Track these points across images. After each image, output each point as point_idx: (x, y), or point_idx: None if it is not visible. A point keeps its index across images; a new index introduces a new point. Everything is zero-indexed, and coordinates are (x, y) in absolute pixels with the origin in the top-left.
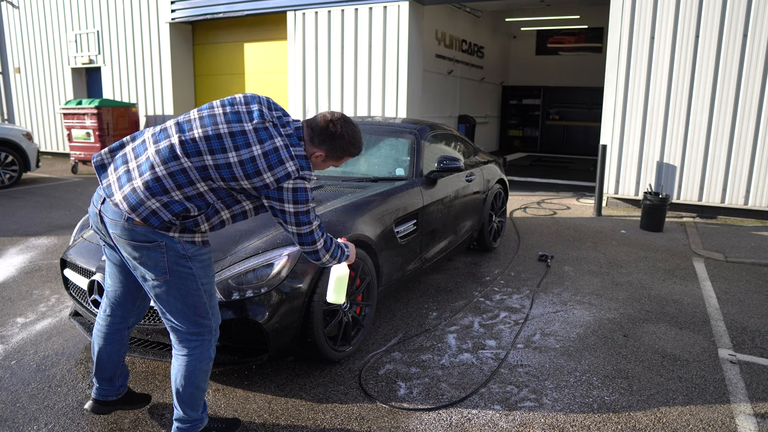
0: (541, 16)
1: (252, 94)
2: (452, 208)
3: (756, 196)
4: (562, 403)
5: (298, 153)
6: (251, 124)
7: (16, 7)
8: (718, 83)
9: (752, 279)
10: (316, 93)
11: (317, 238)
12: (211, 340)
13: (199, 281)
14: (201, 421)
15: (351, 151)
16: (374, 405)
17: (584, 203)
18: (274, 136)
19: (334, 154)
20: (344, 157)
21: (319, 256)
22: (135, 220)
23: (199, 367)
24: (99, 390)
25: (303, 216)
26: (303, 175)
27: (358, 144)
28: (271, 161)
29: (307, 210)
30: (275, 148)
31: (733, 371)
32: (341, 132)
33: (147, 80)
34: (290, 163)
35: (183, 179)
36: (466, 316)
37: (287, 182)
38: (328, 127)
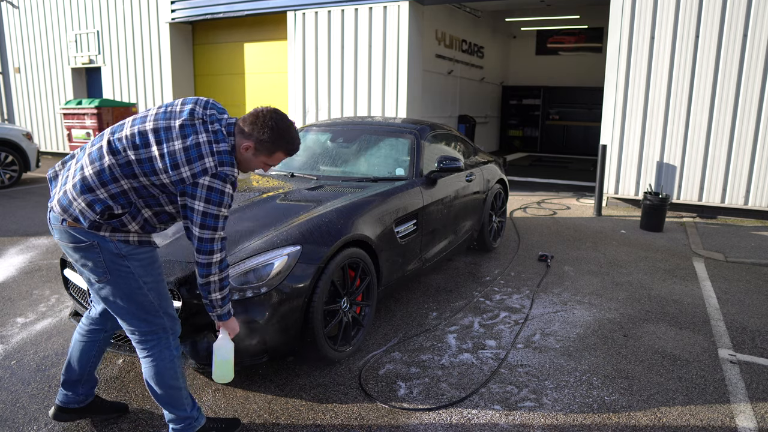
0: (541, 16)
1: (194, 97)
2: (452, 208)
3: (756, 196)
4: (562, 403)
5: (220, 149)
6: (178, 122)
7: (16, 7)
8: (718, 83)
9: (752, 279)
10: (316, 93)
11: (215, 250)
12: (169, 338)
13: (141, 280)
14: (195, 420)
15: (282, 146)
16: (374, 405)
17: (584, 203)
18: (199, 132)
19: (262, 146)
20: (276, 152)
21: (210, 271)
22: (68, 221)
23: (163, 366)
24: (62, 395)
25: (209, 219)
26: (223, 172)
27: (290, 139)
28: (190, 155)
29: (216, 215)
30: (197, 144)
31: (733, 371)
32: (270, 123)
33: (147, 80)
34: (209, 158)
35: (107, 176)
36: (466, 316)
37: (203, 178)
38: (257, 117)
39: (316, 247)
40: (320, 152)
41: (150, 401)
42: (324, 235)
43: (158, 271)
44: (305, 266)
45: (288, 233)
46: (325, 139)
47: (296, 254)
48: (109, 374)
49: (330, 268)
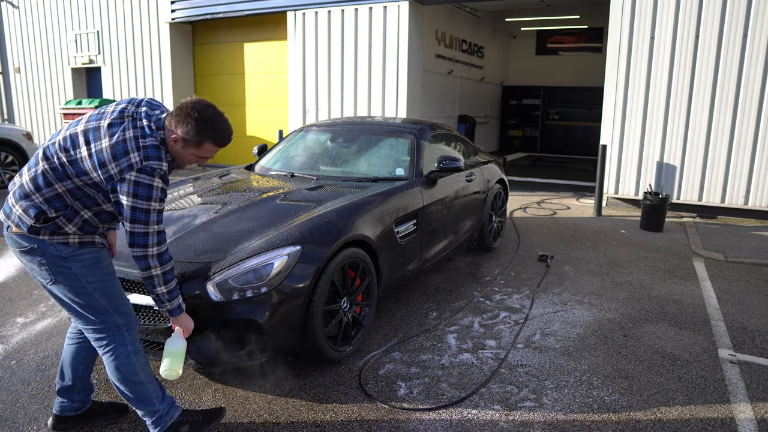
0: (541, 16)
1: (133, 98)
2: (452, 208)
3: (756, 196)
4: (562, 403)
5: (147, 143)
6: (107, 121)
7: (16, 7)
8: (718, 83)
9: (752, 279)
10: (316, 93)
11: (150, 244)
12: (123, 335)
13: (84, 280)
14: (166, 414)
15: (208, 136)
16: (374, 405)
17: (584, 203)
18: (126, 129)
19: (190, 136)
20: (203, 143)
21: (149, 263)
22: (12, 228)
23: (120, 363)
24: (58, 404)
25: (139, 213)
26: (149, 166)
27: (217, 129)
28: (116, 152)
29: (146, 209)
30: (122, 140)
31: (733, 371)
32: (194, 113)
33: (147, 80)
34: (135, 153)
35: (41, 181)
36: (466, 316)
37: (130, 173)
38: (181, 108)
39: (316, 247)
40: (320, 152)
41: None
42: (324, 235)
43: (105, 271)
44: (305, 266)
45: (288, 233)
46: (325, 139)
47: (296, 254)
48: (106, 374)
49: (330, 268)
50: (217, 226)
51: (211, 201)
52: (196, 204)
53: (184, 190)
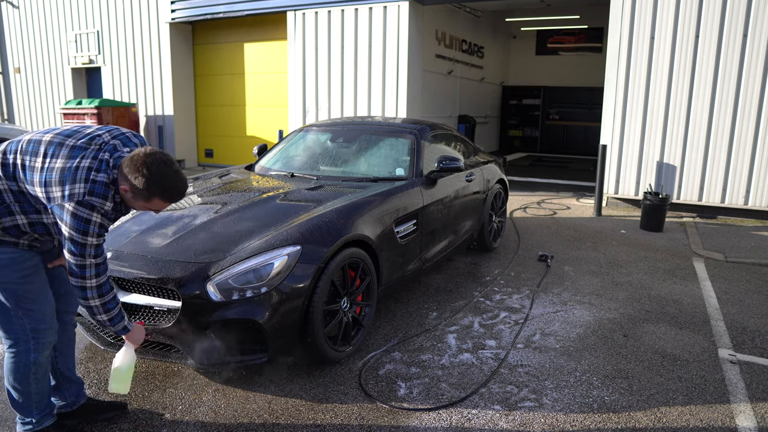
0: (541, 16)
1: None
2: (452, 208)
3: (756, 196)
4: (562, 403)
5: (97, 178)
6: (73, 141)
7: (16, 7)
8: (718, 83)
9: (752, 279)
10: (316, 93)
11: (88, 276)
12: (29, 342)
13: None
14: (37, 423)
15: (157, 193)
16: (374, 405)
17: (584, 203)
18: (86, 156)
19: (138, 191)
20: (153, 199)
21: (86, 294)
22: None
23: (14, 368)
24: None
25: (74, 246)
26: (90, 201)
27: (167, 187)
28: (64, 177)
29: (81, 243)
30: (75, 167)
31: (733, 371)
32: (143, 169)
33: (147, 80)
34: (80, 185)
35: None
36: (466, 316)
37: (69, 203)
38: (132, 160)
39: (316, 247)
40: (320, 152)
41: (150, 401)
42: (324, 235)
43: (20, 274)
44: (305, 266)
45: (288, 233)
46: (325, 139)
47: (296, 254)
48: (108, 374)
49: (330, 268)
50: (217, 226)
51: (211, 201)
52: (196, 204)
53: None
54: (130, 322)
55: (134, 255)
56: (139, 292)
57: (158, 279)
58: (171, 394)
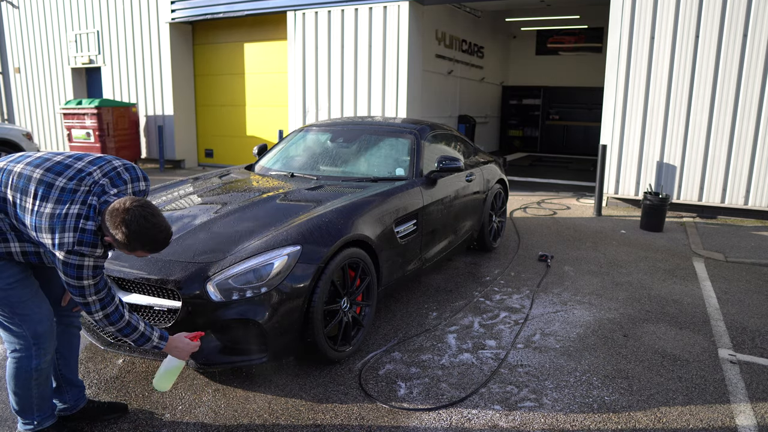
0: (541, 16)
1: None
2: (452, 208)
3: (756, 196)
4: (562, 403)
5: (86, 227)
6: (63, 182)
7: (16, 7)
8: (718, 83)
9: (752, 279)
10: (316, 93)
11: (93, 311)
12: (30, 349)
13: None
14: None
15: (138, 246)
16: (374, 405)
17: (584, 203)
18: (75, 201)
19: (120, 245)
20: (135, 251)
21: (104, 323)
22: None
23: (20, 374)
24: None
25: (73, 288)
26: (79, 251)
27: (148, 241)
28: (53, 224)
29: (78, 286)
30: (64, 214)
31: (733, 371)
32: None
33: (147, 80)
34: (69, 234)
35: None
36: (466, 316)
37: (60, 252)
38: (112, 214)
39: (316, 247)
40: (320, 152)
41: (150, 401)
42: (324, 235)
43: (8, 281)
44: (305, 266)
45: (288, 233)
46: (325, 139)
47: (296, 254)
48: (108, 374)
49: (330, 268)
50: (217, 226)
51: (211, 201)
52: (196, 204)
53: (184, 190)
54: (162, 339)
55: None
56: (139, 292)
57: (158, 279)
58: (171, 394)
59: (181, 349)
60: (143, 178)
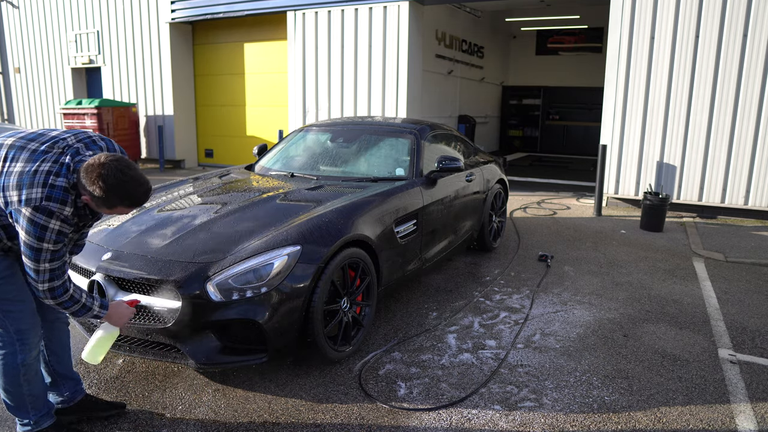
0: (541, 16)
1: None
2: (452, 208)
3: (756, 196)
4: (562, 403)
5: (56, 183)
6: (35, 145)
7: (16, 7)
8: (718, 83)
9: (752, 279)
10: (316, 93)
11: (40, 280)
12: (14, 344)
13: None
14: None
15: (117, 201)
16: (374, 405)
17: (584, 203)
18: (47, 160)
19: (98, 201)
20: (115, 207)
21: (41, 295)
22: None
23: (7, 371)
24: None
25: (30, 250)
26: (47, 207)
27: (127, 195)
28: (21, 181)
29: (37, 248)
30: (34, 171)
31: (733, 371)
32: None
33: (147, 80)
34: (38, 189)
35: None
36: (466, 316)
37: (26, 208)
38: (88, 170)
39: (316, 247)
40: (320, 152)
41: (150, 401)
42: (324, 235)
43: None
44: (305, 266)
45: (288, 233)
46: (325, 139)
47: (296, 254)
48: (109, 374)
49: (330, 268)
50: (217, 226)
51: (211, 201)
52: (196, 204)
53: (184, 190)
54: (103, 308)
55: (134, 255)
56: (139, 292)
57: (158, 279)
58: (171, 394)
59: (120, 314)
60: (119, 152)
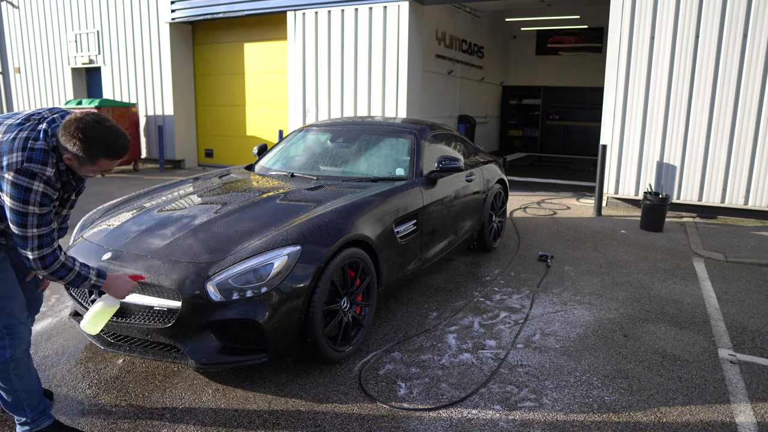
0: (541, 16)
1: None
2: (452, 208)
3: (756, 196)
4: (562, 403)
5: (35, 146)
6: (11, 120)
7: (16, 7)
8: (718, 83)
9: (752, 279)
10: (316, 93)
11: (30, 247)
12: (4, 339)
13: None
14: (33, 422)
15: (100, 153)
16: (374, 405)
17: (584, 203)
18: (24, 129)
19: (80, 158)
20: (98, 160)
21: (32, 264)
22: None
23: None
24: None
25: (15, 216)
26: (29, 168)
27: (107, 146)
28: (2, 149)
29: (23, 212)
30: (12, 139)
31: (733, 371)
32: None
33: (147, 80)
34: (18, 153)
35: None
36: (466, 316)
37: (8, 173)
38: (65, 128)
39: (316, 247)
40: (320, 152)
41: (150, 401)
42: (324, 235)
43: None
44: (305, 266)
45: (288, 233)
46: (325, 139)
47: (296, 254)
48: (109, 374)
49: (330, 268)
50: (217, 226)
51: (211, 201)
52: (196, 204)
53: (184, 190)
54: (101, 277)
55: (134, 255)
56: (139, 292)
57: (158, 279)
58: (171, 394)
59: (120, 286)
60: None
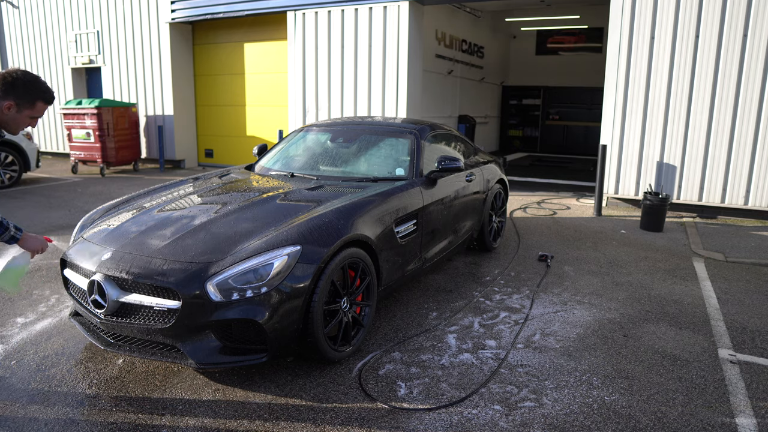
0: (541, 16)
1: None
2: (452, 208)
3: (756, 196)
4: (562, 403)
5: None
6: None
7: (16, 7)
8: (718, 83)
9: (752, 279)
10: (316, 93)
11: None
12: None
13: None
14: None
15: (39, 95)
16: (374, 405)
17: (584, 203)
18: None
19: (21, 100)
20: (36, 102)
21: None
22: None
23: None
24: None
25: None
26: None
27: (44, 88)
28: None
29: None
30: None
31: (733, 371)
32: (19, 80)
33: (147, 80)
34: None
35: None
36: (466, 316)
37: None
38: (4, 78)
39: (316, 247)
40: (320, 152)
41: (150, 401)
42: (324, 235)
43: None
44: (305, 266)
45: (288, 233)
46: (325, 139)
47: (296, 254)
48: (109, 374)
49: (330, 268)
50: (217, 226)
51: (211, 201)
52: (196, 204)
53: (184, 190)
54: (18, 230)
55: (134, 255)
56: (139, 292)
57: (158, 279)
58: (171, 394)
59: (34, 239)
60: None
